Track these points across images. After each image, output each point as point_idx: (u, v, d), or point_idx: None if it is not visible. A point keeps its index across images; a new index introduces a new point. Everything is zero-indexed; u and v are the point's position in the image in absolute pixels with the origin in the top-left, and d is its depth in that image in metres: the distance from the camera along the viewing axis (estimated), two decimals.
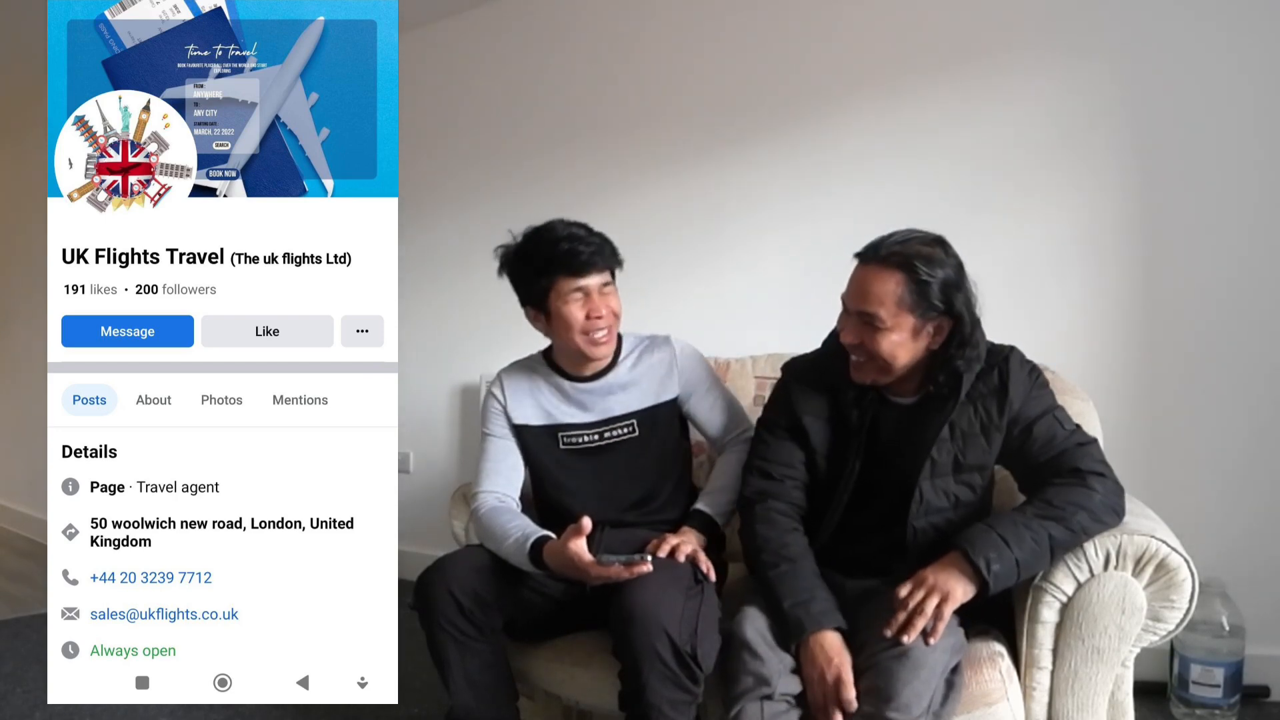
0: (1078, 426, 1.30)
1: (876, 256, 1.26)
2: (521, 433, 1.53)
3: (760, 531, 1.32)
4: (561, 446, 1.52)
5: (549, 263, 1.44)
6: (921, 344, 1.27)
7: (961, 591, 1.16)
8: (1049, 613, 1.22)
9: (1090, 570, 1.19)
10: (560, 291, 1.44)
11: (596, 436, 1.51)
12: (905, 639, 1.13)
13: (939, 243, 1.28)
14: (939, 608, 1.14)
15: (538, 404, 1.53)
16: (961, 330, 1.26)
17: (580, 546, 1.25)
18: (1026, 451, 1.28)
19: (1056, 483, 1.23)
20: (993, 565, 1.15)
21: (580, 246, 1.43)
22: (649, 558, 1.25)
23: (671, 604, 1.21)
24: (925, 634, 1.14)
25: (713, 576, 1.31)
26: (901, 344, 1.25)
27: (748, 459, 1.43)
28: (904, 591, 1.17)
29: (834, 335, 1.37)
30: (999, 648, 1.25)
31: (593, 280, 1.44)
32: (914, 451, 1.29)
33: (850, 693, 1.12)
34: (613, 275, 1.49)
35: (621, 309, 1.49)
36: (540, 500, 1.55)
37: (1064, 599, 1.21)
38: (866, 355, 1.27)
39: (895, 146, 2.18)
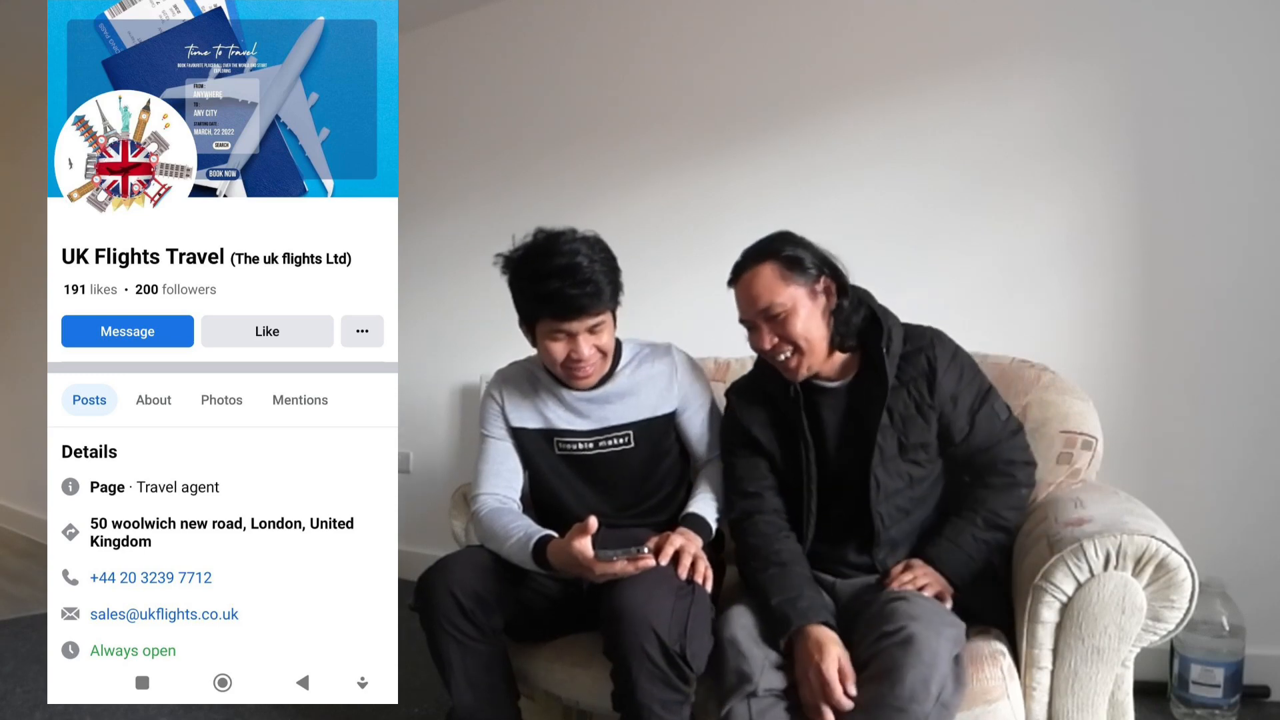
0: (1010, 413, 1.41)
1: (744, 267, 1.37)
2: (519, 435, 1.52)
3: (751, 543, 1.37)
4: (556, 452, 1.51)
5: (535, 300, 1.38)
6: (822, 308, 1.35)
7: (948, 594, 1.29)
8: (1049, 613, 1.22)
9: (1090, 570, 1.19)
10: (544, 328, 1.40)
11: (591, 445, 1.50)
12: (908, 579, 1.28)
13: (785, 232, 1.40)
14: (940, 595, 1.27)
15: (535, 408, 1.52)
16: (841, 282, 1.35)
17: (584, 545, 1.25)
18: (968, 443, 1.37)
19: (994, 484, 1.36)
20: (965, 581, 1.31)
21: (570, 290, 1.34)
22: (646, 550, 1.25)
23: (661, 603, 1.21)
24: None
25: (709, 585, 1.30)
26: (810, 316, 1.33)
27: (725, 487, 1.47)
28: (902, 568, 1.32)
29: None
30: (1000, 646, 1.25)
31: (578, 325, 1.37)
32: (859, 440, 1.35)
33: (838, 691, 1.13)
34: (610, 310, 1.42)
35: (613, 338, 1.45)
36: (537, 501, 1.55)
37: (1064, 599, 1.21)
38: (791, 348, 1.34)
39: (895, 148, 2.18)
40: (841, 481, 1.36)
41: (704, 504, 1.46)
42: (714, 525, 1.45)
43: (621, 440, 1.50)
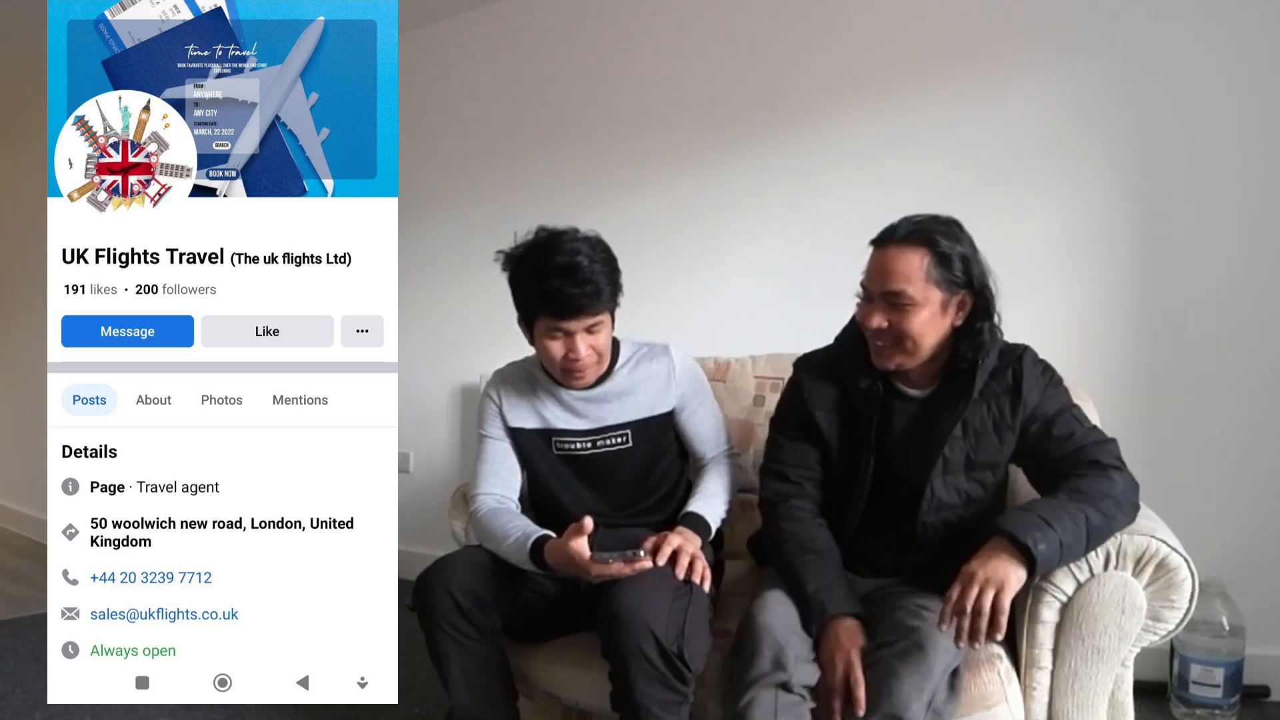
0: (1095, 426, 1.31)
1: (896, 237, 1.27)
2: (516, 435, 1.52)
3: (785, 527, 1.34)
4: (554, 452, 1.51)
5: (535, 297, 1.38)
6: (947, 321, 1.27)
7: (1015, 579, 1.09)
8: (1049, 613, 1.22)
9: (1090, 570, 1.19)
10: (542, 327, 1.41)
11: (589, 444, 1.50)
12: (975, 647, 1.09)
13: (953, 222, 1.30)
14: (997, 599, 1.07)
15: (533, 408, 1.52)
16: (985, 304, 1.27)
17: (581, 545, 1.25)
18: (1046, 448, 1.27)
19: (1078, 473, 1.21)
20: (1039, 544, 1.09)
21: (570, 289, 1.34)
22: (641, 553, 1.25)
23: (658, 604, 1.21)
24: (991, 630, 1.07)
25: (707, 585, 1.30)
26: (931, 321, 1.25)
27: (764, 462, 1.44)
28: (955, 593, 1.10)
29: (846, 332, 1.39)
30: (998, 650, 1.25)
31: (576, 324, 1.38)
32: (926, 448, 1.29)
33: (859, 689, 1.12)
34: (608, 311, 1.42)
35: (610, 339, 1.46)
36: (535, 501, 1.55)
37: (1064, 599, 1.21)
38: (893, 338, 1.26)
39: (894, 148, 2.18)
40: (893, 488, 1.33)
41: (703, 503, 1.46)
42: (713, 525, 1.44)
43: (619, 440, 1.50)
